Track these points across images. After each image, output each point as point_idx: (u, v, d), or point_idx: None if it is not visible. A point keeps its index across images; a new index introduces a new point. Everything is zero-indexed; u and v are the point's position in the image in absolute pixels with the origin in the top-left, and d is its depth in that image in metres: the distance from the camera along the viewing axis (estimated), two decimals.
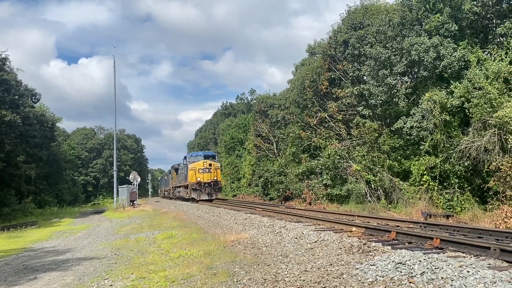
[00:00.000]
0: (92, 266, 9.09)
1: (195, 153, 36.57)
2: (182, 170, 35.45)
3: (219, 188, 31.76)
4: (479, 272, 5.17)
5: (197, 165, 30.74)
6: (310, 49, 34.77)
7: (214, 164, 31.55)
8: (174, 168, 42.79)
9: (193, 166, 30.82)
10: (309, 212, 17.30)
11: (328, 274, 5.96)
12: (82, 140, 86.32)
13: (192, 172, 30.54)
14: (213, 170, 30.82)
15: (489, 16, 20.10)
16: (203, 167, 30.54)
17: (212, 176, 30.71)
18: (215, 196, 30.85)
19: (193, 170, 30.49)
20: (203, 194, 30.22)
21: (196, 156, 33.27)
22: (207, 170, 30.66)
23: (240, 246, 9.63)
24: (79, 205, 62.03)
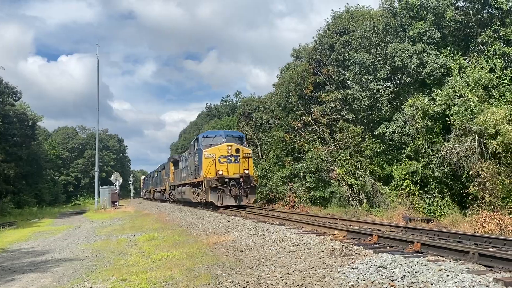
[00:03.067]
0: (72, 268, 8.94)
1: (211, 132, 24.14)
2: (190, 160, 24.18)
3: (252, 187, 20.55)
4: (458, 276, 5.25)
5: (216, 150, 20.31)
6: (295, 53, 34.97)
7: (243, 150, 20.89)
8: (172, 161, 33.32)
9: (211, 152, 20.38)
10: (292, 215, 17.38)
11: (310, 277, 5.98)
12: (64, 139, 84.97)
13: (209, 162, 20.10)
14: (242, 159, 20.50)
15: (470, 24, 20.52)
16: (226, 154, 20.11)
17: (242, 169, 20.35)
18: (246, 201, 20.20)
19: (211, 158, 20.13)
20: (227, 196, 19.77)
21: (215, 137, 21.82)
22: (234, 159, 20.26)
23: (223, 248, 9.60)
24: (59, 205, 61.01)
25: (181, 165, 28.41)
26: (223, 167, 19.92)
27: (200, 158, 20.93)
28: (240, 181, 19.94)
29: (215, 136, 21.88)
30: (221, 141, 21.15)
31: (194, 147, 23.26)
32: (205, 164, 20.12)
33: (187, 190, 24.95)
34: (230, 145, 20.32)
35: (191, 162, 23.70)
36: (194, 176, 22.88)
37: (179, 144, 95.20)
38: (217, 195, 19.73)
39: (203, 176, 20.26)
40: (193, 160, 23.17)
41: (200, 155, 21.08)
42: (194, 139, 23.45)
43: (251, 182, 20.45)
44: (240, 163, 20.31)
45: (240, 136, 23.11)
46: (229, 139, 21.33)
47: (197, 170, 21.82)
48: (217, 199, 19.71)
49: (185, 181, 26.19)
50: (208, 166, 20.01)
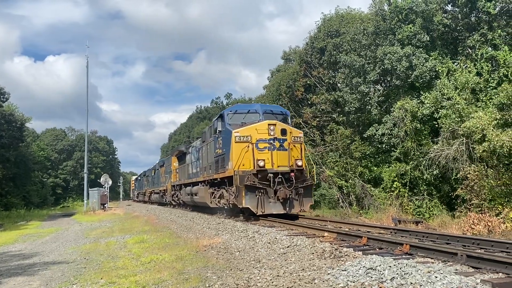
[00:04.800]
0: (60, 271, 8.85)
1: (242, 106, 17.47)
2: (206, 150, 18.24)
3: (308, 187, 14.54)
4: (446, 277, 5.30)
5: (253, 131, 14.17)
6: (285, 56, 35.08)
7: (291, 132, 14.75)
8: (176, 154, 27.39)
9: (245, 133, 14.19)
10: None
11: (300, 279, 5.99)
12: (52, 141, 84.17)
13: (243, 148, 13.99)
14: (291, 144, 14.43)
15: (459, 28, 20.77)
16: (268, 137, 14.09)
17: (292, 159, 14.36)
18: (299, 207, 14.22)
19: (245, 142, 14.07)
20: (271, 200, 13.80)
21: (248, 113, 15.47)
22: (279, 145, 14.19)
23: (213, 251, 9.58)
24: (47, 207, 60.34)
25: (190, 159, 22.51)
26: (263, 155, 13.76)
27: (227, 143, 14.61)
28: (291, 177, 13.80)
29: (248, 111, 15.36)
30: (257, 118, 14.81)
31: (215, 129, 16.44)
32: (236, 151, 13.82)
33: (202, 190, 18.41)
34: (273, 124, 14.03)
35: (208, 151, 17.68)
36: (214, 171, 16.46)
37: (169, 146, 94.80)
38: (256, 198, 13.41)
39: (232, 169, 14.00)
40: (212, 149, 16.95)
41: (227, 139, 14.72)
42: (216, 117, 16.78)
43: (305, 179, 14.45)
44: (289, 150, 14.16)
45: (283, 112, 16.17)
46: (268, 116, 14.92)
47: (221, 162, 15.47)
48: (257, 204, 13.40)
49: (197, 179, 19.91)
50: (241, 154, 13.67)
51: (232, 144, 14.20)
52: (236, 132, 14.21)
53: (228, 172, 14.68)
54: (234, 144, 14.13)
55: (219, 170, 15.94)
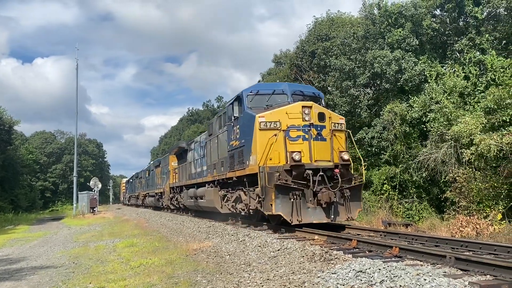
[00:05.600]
0: (48, 275, 8.75)
1: (265, 85, 15.20)
2: (215, 143, 15.46)
3: (356, 188, 11.50)
4: (435, 280, 5.34)
5: (282, 114, 11.21)
6: (276, 59, 35.21)
7: (330, 116, 11.81)
8: (175, 152, 24.52)
9: (272, 117, 11.22)
10: None
11: (290, 282, 5.99)
12: (41, 144, 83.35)
13: (270, 137, 10.96)
14: (329, 133, 11.50)
15: (447, 32, 21.01)
16: (302, 122, 11.12)
17: (335, 151, 11.51)
18: (346, 215, 11.18)
19: (273, 129, 11.07)
20: (310, 205, 10.74)
21: (273, 94, 12.47)
22: (317, 132, 11.25)
23: (203, 254, 9.54)
24: (36, 211, 59.63)
25: (192, 156, 19.91)
26: (298, 147, 10.85)
27: (248, 132, 11.70)
28: (335, 175, 10.92)
29: (273, 92, 12.35)
30: (284, 101, 11.98)
31: (229, 116, 13.52)
32: (261, 141, 10.93)
33: (210, 193, 15.41)
34: (307, 106, 11.10)
35: (219, 145, 14.83)
36: (227, 168, 13.54)
37: (159, 149, 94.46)
38: (290, 202, 10.33)
39: (255, 164, 11.03)
40: (224, 141, 14.10)
41: (247, 126, 11.78)
42: (231, 100, 13.59)
43: (352, 177, 11.59)
44: (328, 140, 11.25)
45: (316, 94, 13.05)
46: (298, 98, 12.04)
47: (238, 156, 12.56)
48: (291, 211, 10.33)
49: (203, 179, 17.04)
50: (268, 145, 10.74)
51: (256, 133, 11.16)
52: (260, 116, 11.13)
53: (249, 169, 11.60)
54: (258, 132, 11.09)
55: (235, 167, 12.87)
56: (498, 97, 14.45)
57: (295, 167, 10.71)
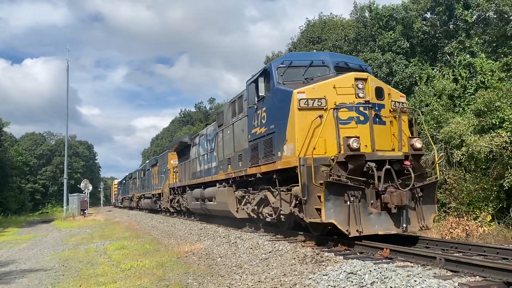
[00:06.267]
0: (37, 279, 8.67)
1: (300, 55, 12.02)
2: (233, 130, 12.96)
3: (431, 186, 8.76)
4: (425, 281, 5.37)
5: (329, 88, 8.72)
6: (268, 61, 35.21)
7: (389, 92, 9.16)
8: (176, 149, 22.65)
9: (316, 92, 8.74)
10: None
11: (282, 284, 6.00)
12: (31, 146, 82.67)
13: (312, 119, 8.50)
14: (391, 115, 8.96)
15: (437, 35, 21.21)
16: (356, 99, 8.59)
17: (403, 138, 9.02)
18: (419, 223, 8.42)
19: (316, 109, 8.60)
20: (371, 209, 8.12)
21: (311, 66, 9.79)
22: (375, 113, 8.64)
23: (194, 257, 9.52)
24: (25, 213, 59.08)
25: (197, 152, 17.84)
26: (351, 131, 8.44)
27: (281, 113, 9.34)
28: (406, 168, 8.47)
29: (311, 63, 9.88)
30: (325, 73, 9.65)
31: (252, 96, 11.04)
32: (301, 124, 8.69)
33: (222, 194, 13.32)
34: (362, 78, 8.78)
35: (236, 135, 12.60)
36: (248, 163, 11.25)
37: (151, 150, 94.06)
38: (346, 206, 7.97)
39: (293, 155, 8.78)
40: (241, 130, 12.07)
41: (279, 107, 9.47)
42: (254, 76, 11.01)
43: (423, 172, 9.07)
44: (387, 124, 8.95)
45: (363, 67, 10.54)
46: (343, 67, 9.97)
47: (264, 146, 10.30)
48: (348, 218, 7.96)
49: (212, 177, 14.87)
50: (311, 129, 8.59)
51: (294, 114, 8.78)
52: (300, 92, 8.76)
53: (282, 162, 9.27)
54: (296, 113, 8.71)
55: (259, 161, 10.52)
56: (488, 100, 14.59)
57: (352, 158, 8.09)
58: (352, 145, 8.10)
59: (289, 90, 9.12)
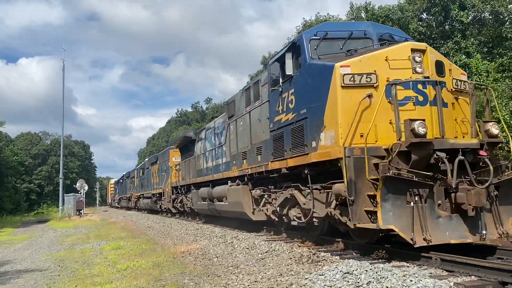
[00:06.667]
0: (33, 279, 8.63)
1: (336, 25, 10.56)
2: (249, 118, 11.45)
3: (509, 182, 6.89)
4: (421, 281, 5.39)
5: (380, 61, 7.20)
6: (265, 61, 35.28)
7: (450, 68, 7.65)
8: (178, 145, 21.59)
9: (363, 66, 7.19)
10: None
11: (278, 284, 6.00)
12: (26, 145, 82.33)
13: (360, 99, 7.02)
14: (452, 96, 7.47)
15: (433, 36, 21.31)
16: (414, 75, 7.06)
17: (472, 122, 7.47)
18: (497, 229, 6.77)
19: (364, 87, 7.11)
20: (440, 212, 6.54)
21: (350, 39, 8.34)
22: (433, 95, 6.98)
23: (191, 257, 9.50)
24: (21, 214, 58.85)
25: (203, 147, 16.80)
26: (410, 114, 6.91)
27: (316, 94, 7.95)
28: (483, 160, 7.03)
29: (350, 35, 8.49)
30: (367, 45, 8.28)
31: (276, 76, 9.67)
32: (345, 104, 7.24)
33: (236, 193, 12.01)
34: (419, 49, 7.40)
35: (253, 125, 11.21)
36: (269, 156, 9.94)
37: (147, 150, 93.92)
38: (409, 208, 6.37)
39: (335, 144, 7.29)
40: (258, 120, 10.85)
41: (315, 85, 8.02)
42: (281, 52, 9.70)
43: (498, 166, 7.39)
44: (449, 107, 7.48)
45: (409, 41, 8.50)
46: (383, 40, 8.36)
47: (292, 136, 8.89)
48: (411, 222, 6.34)
49: (224, 174, 13.53)
50: (358, 111, 7.09)
51: (336, 93, 7.27)
52: (343, 66, 7.26)
53: (317, 154, 7.78)
54: (339, 91, 7.22)
55: (285, 153, 9.13)
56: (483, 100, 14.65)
57: (417, 146, 6.51)
58: (417, 131, 6.50)
59: (329, 65, 7.55)
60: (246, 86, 12.35)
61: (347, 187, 6.86)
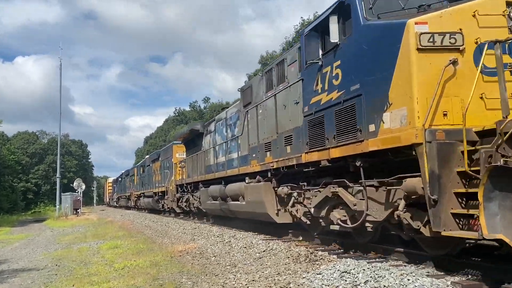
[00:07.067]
0: (30, 278, 8.61)
1: None
2: (274, 103, 9.94)
3: None
4: (418, 280, 5.40)
5: (466, 16, 5.70)
6: (263, 60, 35.31)
7: None
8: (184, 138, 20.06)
9: (444, 22, 5.66)
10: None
11: (276, 283, 6.00)
12: (23, 144, 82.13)
13: (437, 66, 5.55)
14: None
15: None
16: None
17: None
18: None
19: (447, 51, 5.61)
20: None
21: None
22: None
23: (188, 256, 9.50)
24: (18, 213, 58.67)
25: (212, 141, 15.67)
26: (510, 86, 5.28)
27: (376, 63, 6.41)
28: None
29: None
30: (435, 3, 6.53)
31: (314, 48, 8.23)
32: (422, 73, 5.67)
33: (257, 191, 10.55)
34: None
35: (276, 109, 9.87)
36: (303, 146, 8.50)
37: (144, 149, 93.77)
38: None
39: (412, 126, 5.66)
40: (283, 105, 9.55)
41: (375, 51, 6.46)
42: (323, 15, 7.98)
43: None
44: None
45: None
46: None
47: (340, 119, 7.24)
48: None
49: (241, 169, 12.08)
50: (442, 83, 5.57)
51: (409, 58, 5.79)
52: (419, 23, 5.82)
53: (380, 140, 6.32)
54: (415, 56, 5.75)
55: (327, 142, 7.58)
56: None
57: None
58: None
59: (398, 22, 6.06)
60: (267, 68, 11.09)
61: (428, 183, 5.34)
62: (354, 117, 6.84)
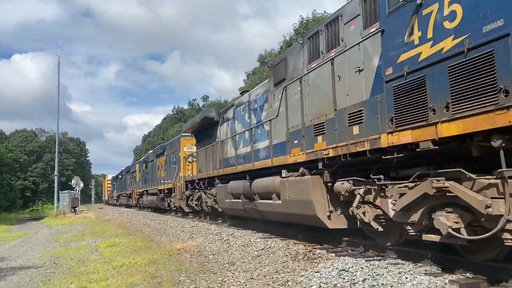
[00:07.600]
0: (28, 276, 8.60)
1: None
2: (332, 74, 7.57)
3: None
4: (416, 278, 5.41)
5: None
6: (261, 58, 35.30)
7: None
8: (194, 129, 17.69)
9: None
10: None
11: (274, 281, 6.01)
12: (21, 142, 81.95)
13: None
14: None
15: None
16: None
17: None
18: None
19: None
20: None
21: None
22: None
23: (187, 254, 9.51)
24: (15, 211, 58.55)
25: (230, 130, 13.89)
26: None
27: None
28: None
29: None
30: None
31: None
32: None
33: (303, 187, 8.43)
34: None
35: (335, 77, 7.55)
36: (381, 125, 6.25)
37: (142, 147, 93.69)
38: None
39: None
40: (352, 65, 7.09)
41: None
42: None
43: None
44: None
45: None
46: None
47: (464, 78, 4.74)
48: None
49: (273, 161, 10.27)
50: None
51: None
52: None
53: None
54: None
55: (431, 114, 5.29)
56: None
57: None
58: None
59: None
60: (309, 33, 8.84)
61: None
62: (492, 71, 4.49)
